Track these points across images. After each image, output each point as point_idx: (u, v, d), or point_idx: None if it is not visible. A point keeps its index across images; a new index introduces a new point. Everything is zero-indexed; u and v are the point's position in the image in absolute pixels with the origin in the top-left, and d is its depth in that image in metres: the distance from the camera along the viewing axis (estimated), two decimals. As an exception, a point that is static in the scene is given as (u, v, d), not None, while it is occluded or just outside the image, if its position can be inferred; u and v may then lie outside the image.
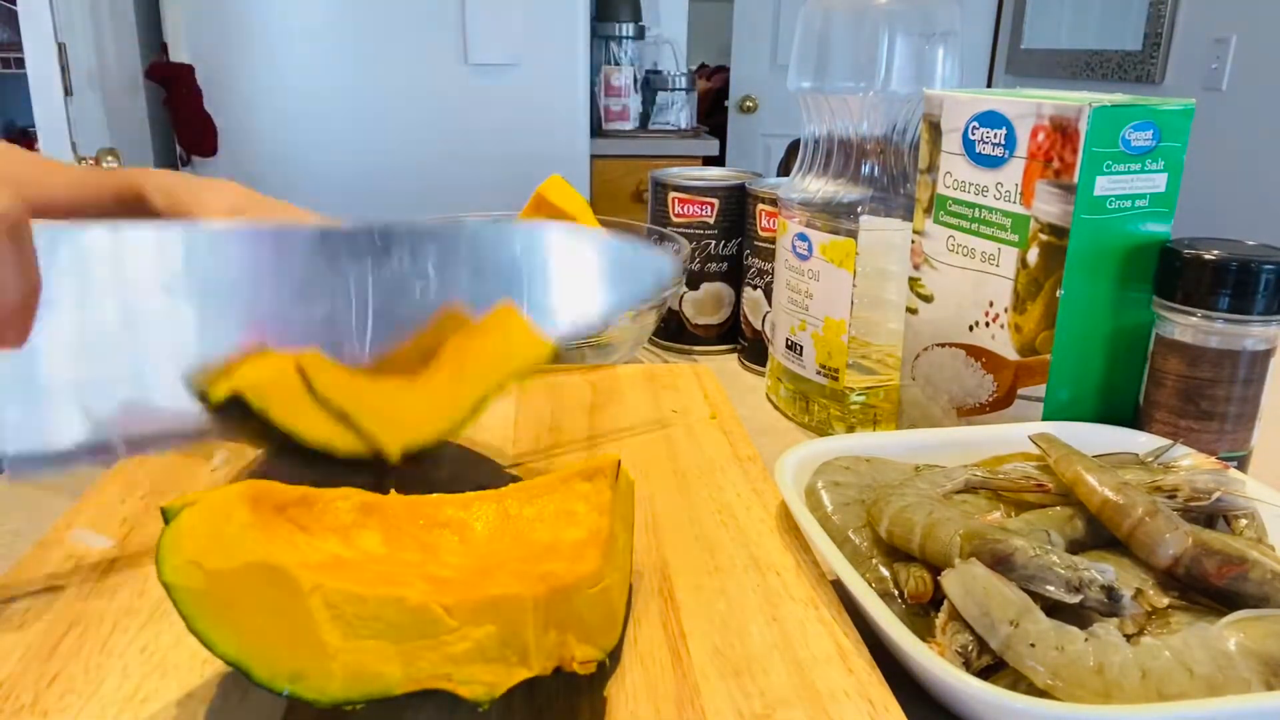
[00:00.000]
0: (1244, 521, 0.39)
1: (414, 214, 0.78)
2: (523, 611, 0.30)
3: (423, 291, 0.43)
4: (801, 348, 0.61)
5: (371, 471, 0.41)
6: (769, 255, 0.69)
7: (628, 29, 2.41)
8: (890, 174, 0.58)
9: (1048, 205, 0.45)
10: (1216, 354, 0.45)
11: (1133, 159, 0.44)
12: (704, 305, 0.77)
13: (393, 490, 0.37)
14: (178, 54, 1.91)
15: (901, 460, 0.45)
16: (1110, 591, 0.33)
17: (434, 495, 0.37)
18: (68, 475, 0.48)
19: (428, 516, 0.37)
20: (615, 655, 0.33)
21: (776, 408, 0.66)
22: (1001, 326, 0.49)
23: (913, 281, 0.54)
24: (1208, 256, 0.44)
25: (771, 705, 0.31)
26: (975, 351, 0.50)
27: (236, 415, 0.37)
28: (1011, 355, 0.48)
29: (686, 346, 0.79)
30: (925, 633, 0.34)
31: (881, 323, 0.59)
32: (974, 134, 0.48)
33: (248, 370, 0.38)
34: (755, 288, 0.72)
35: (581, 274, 0.46)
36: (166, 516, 0.29)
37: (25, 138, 2.10)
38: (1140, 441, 0.45)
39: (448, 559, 0.35)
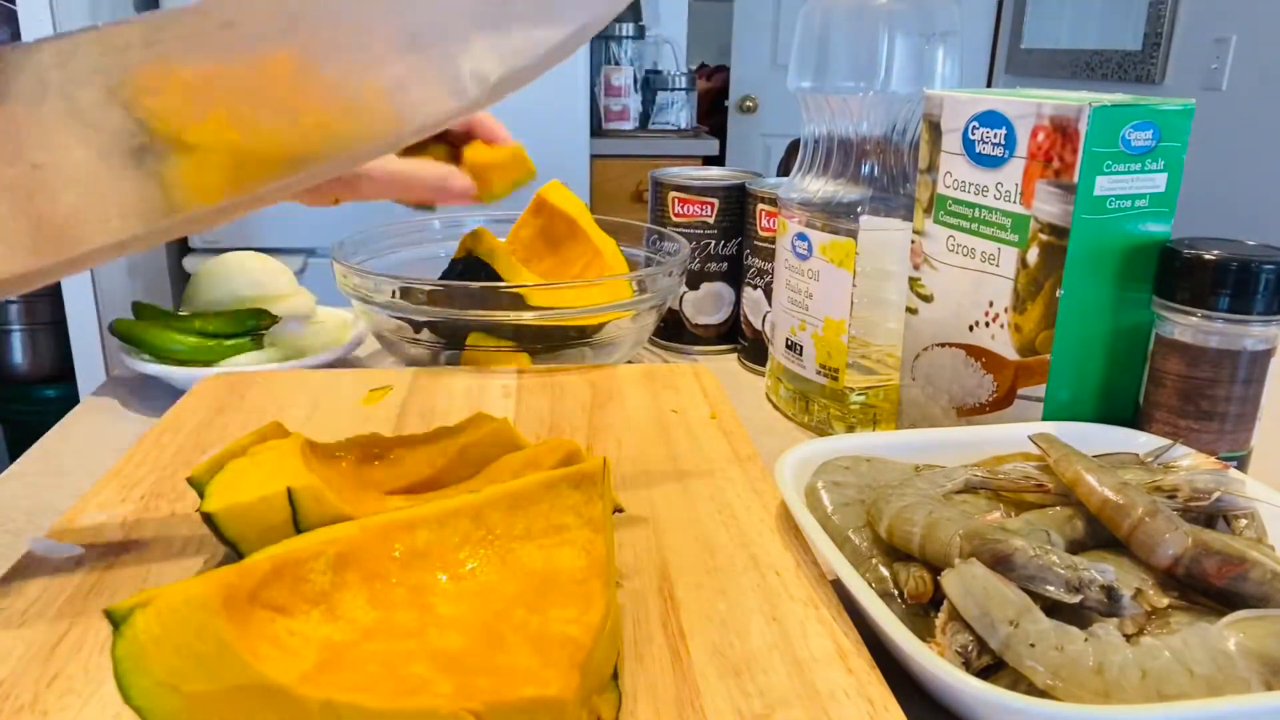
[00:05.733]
0: (1244, 521, 0.39)
1: (413, 215, 0.78)
2: (561, 709, 0.28)
3: None
4: (801, 348, 0.61)
5: None
6: (769, 255, 0.69)
7: (628, 29, 2.41)
8: (890, 174, 0.58)
9: (1048, 205, 0.45)
10: (1216, 354, 0.45)
11: (1133, 159, 0.44)
12: (704, 305, 0.77)
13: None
14: (178, 54, 1.91)
15: (901, 460, 0.45)
16: (1110, 591, 0.33)
17: (404, 513, 0.35)
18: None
19: (404, 545, 0.34)
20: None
21: (776, 408, 0.66)
22: (1001, 326, 0.49)
23: (913, 281, 0.54)
24: (1208, 256, 0.44)
25: (771, 705, 0.31)
26: (975, 351, 0.50)
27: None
28: (1011, 355, 0.48)
29: (686, 346, 0.79)
30: (925, 633, 0.34)
31: (881, 323, 0.59)
32: (974, 134, 0.48)
33: (230, 484, 0.36)
34: (755, 288, 0.72)
35: None
36: (114, 620, 0.26)
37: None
38: (1140, 441, 0.45)
39: (444, 611, 0.33)
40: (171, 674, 0.26)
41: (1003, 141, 0.47)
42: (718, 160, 2.55)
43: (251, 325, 0.66)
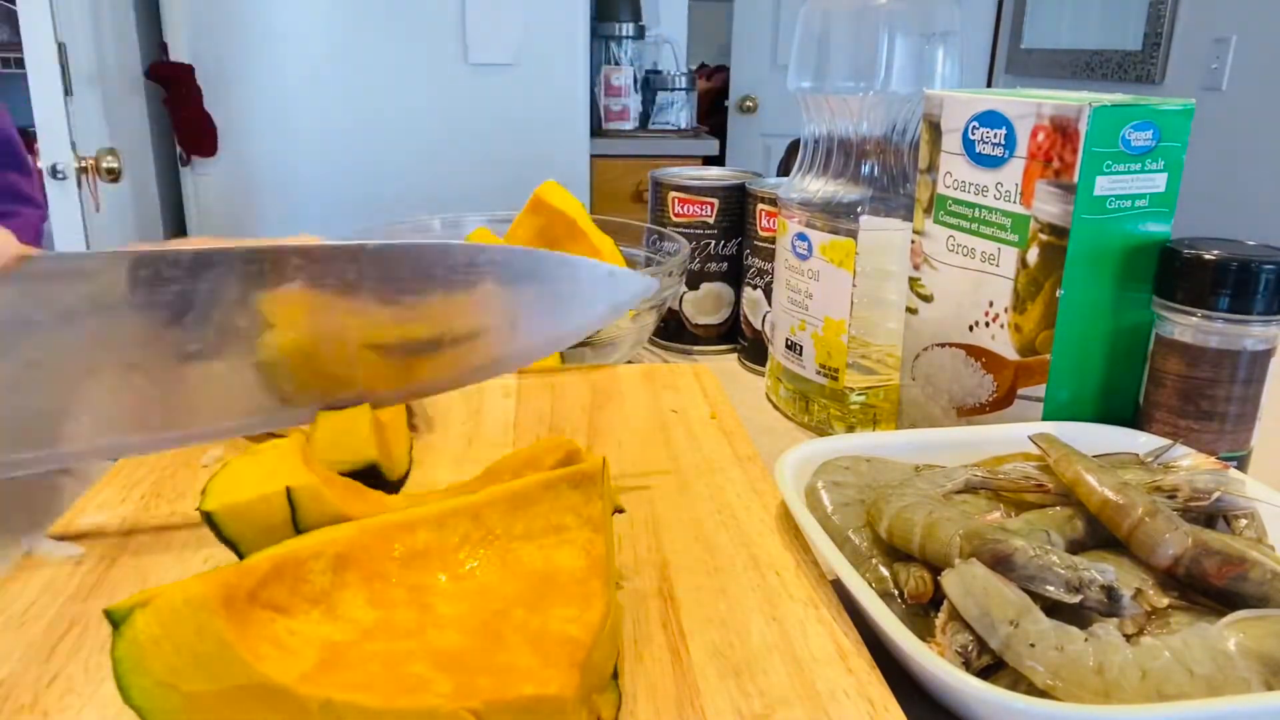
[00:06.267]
0: (1244, 521, 0.39)
1: (414, 214, 0.78)
2: (561, 708, 0.28)
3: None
4: (801, 348, 0.61)
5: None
6: (769, 255, 0.69)
7: (628, 29, 2.41)
8: (890, 174, 0.58)
9: (1048, 205, 0.45)
10: (1216, 354, 0.45)
11: (1133, 159, 0.44)
12: (704, 305, 0.77)
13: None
14: (178, 54, 1.91)
15: (901, 460, 0.45)
16: (1110, 591, 0.33)
17: (404, 513, 0.35)
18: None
19: (404, 545, 0.34)
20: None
21: (776, 408, 0.66)
22: (1001, 326, 0.49)
23: (913, 281, 0.54)
24: (1208, 256, 0.44)
25: (771, 705, 0.31)
26: (975, 351, 0.50)
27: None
28: (1011, 355, 0.48)
29: (686, 346, 0.79)
30: (925, 633, 0.34)
31: (881, 323, 0.59)
32: (974, 134, 0.48)
33: (229, 483, 0.36)
34: (755, 288, 0.72)
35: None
36: (114, 620, 0.26)
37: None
38: (1140, 441, 0.45)
39: (444, 610, 0.33)
40: (171, 674, 0.26)
41: (1003, 141, 0.47)
42: (718, 160, 2.55)
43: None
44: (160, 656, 0.26)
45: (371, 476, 0.43)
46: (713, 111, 3.05)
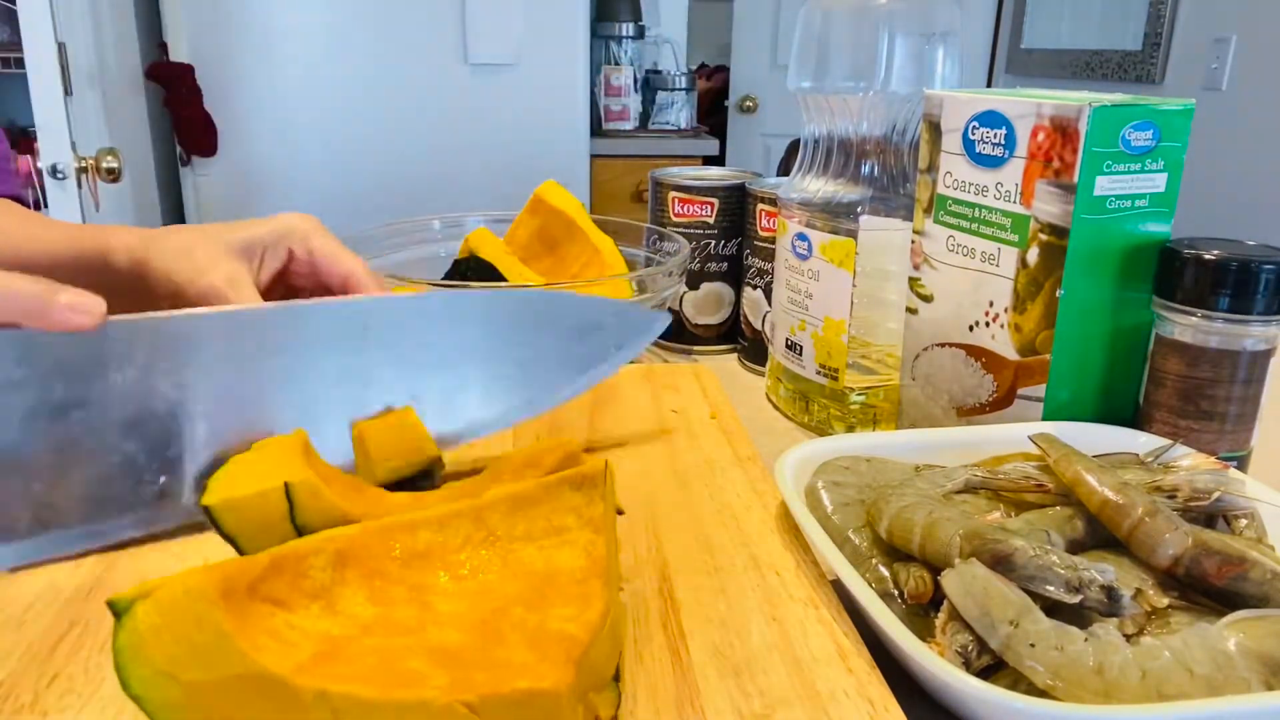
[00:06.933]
0: (1244, 521, 0.39)
1: (414, 214, 0.78)
2: (555, 703, 0.28)
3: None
4: (801, 348, 0.61)
5: None
6: (769, 255, 0.69)
7: (628, 29, 2.41)
8: (890, 174, 0.58)
9: (1048, 205, 0.45)
10: (1216, 354, 0.45)
11: (1133, 159, 0.44)
12: (704, 305, 0.77)
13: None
14: (178, 54, 1.91)
15: (901, 460, 0.45)
16: (1110, 591, 0.33)
17: (405, 514, 0.35)
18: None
19: (405, 546, 0.34)
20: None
21: (776, 408, 0.66)
22: (1001, 326, 0.49)
23: (913, 281, 0.54)
24: (1208, 256, 0.44)
25: (771, 705, 0.31)
26: (975, 351, 0.50)
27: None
28: (1011, 355, 0.48)
29: (686, 346, 0.79)
30: (925, 633, 0.34)
31: (881, 323, 0.59)
32: (974, 134, 0.48)
33: (229, 479, 0.36)
34: (755, 288, 0.72)
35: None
36: (116, 610, 0.26)
37: (25, 137, 2.10)
38: (1140, 441, 0.45)
39: (443, 608, 0.33)
40: (170, 663, 0.26)
41: (1003, 141, 0.47)
42: (718, 160, 2.55)
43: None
44: (160, 646, 0.26)
45: (424, 477, 0.43)
46: (713, 111, 3.05)
